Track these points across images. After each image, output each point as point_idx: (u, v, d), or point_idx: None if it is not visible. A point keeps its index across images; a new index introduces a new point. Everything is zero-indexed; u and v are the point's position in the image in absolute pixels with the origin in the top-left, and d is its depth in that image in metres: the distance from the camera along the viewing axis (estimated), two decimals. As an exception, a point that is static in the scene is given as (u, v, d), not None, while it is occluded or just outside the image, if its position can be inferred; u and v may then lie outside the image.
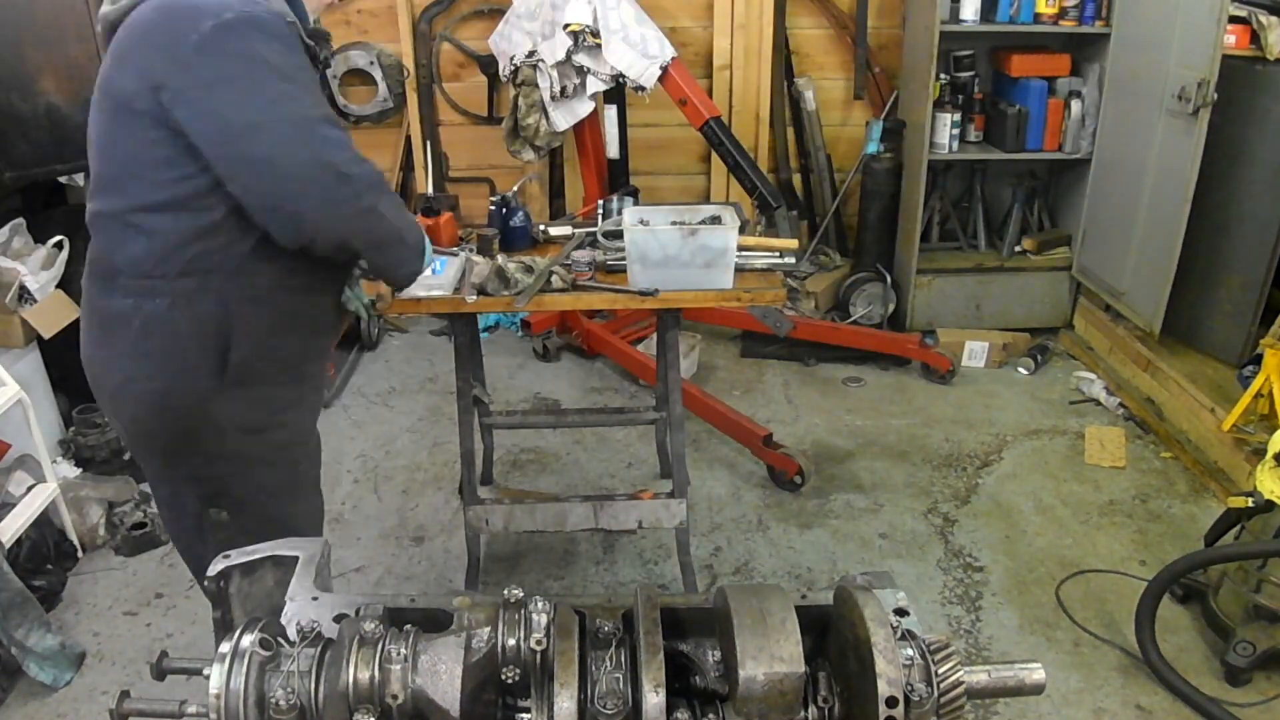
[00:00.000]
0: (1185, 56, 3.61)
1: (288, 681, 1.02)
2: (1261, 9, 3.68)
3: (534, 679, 1.05)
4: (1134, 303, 4.13)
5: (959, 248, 4.79)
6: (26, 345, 3.29)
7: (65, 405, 3.57)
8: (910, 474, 3.61)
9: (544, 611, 1.05)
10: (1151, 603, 2.60)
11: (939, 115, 4.35)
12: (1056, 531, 3.27)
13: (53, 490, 2.93)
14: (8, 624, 2.48)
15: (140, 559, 3.10)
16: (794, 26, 4.72)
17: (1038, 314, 4.72)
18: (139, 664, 2.64)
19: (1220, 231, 3.80)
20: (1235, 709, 2.47)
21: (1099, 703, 2.56)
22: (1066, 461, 3.70)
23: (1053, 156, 4.53)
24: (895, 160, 4.54)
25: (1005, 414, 4.05)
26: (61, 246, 3.40)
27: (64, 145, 3.10)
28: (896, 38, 4.69)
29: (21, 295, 3.24)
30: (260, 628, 1.05)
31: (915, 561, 3.12)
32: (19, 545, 2.80)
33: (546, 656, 1.03)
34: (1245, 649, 2.55)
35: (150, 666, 1.09)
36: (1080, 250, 4.55)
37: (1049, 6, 4.18)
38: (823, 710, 1.07)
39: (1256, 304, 3.77)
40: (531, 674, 1.05)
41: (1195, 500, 3.43)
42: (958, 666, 1.05)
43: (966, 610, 2.90)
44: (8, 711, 2.51)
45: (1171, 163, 3.76)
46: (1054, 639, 2.79)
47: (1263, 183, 3.64)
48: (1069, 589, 2.98)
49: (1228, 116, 3.60)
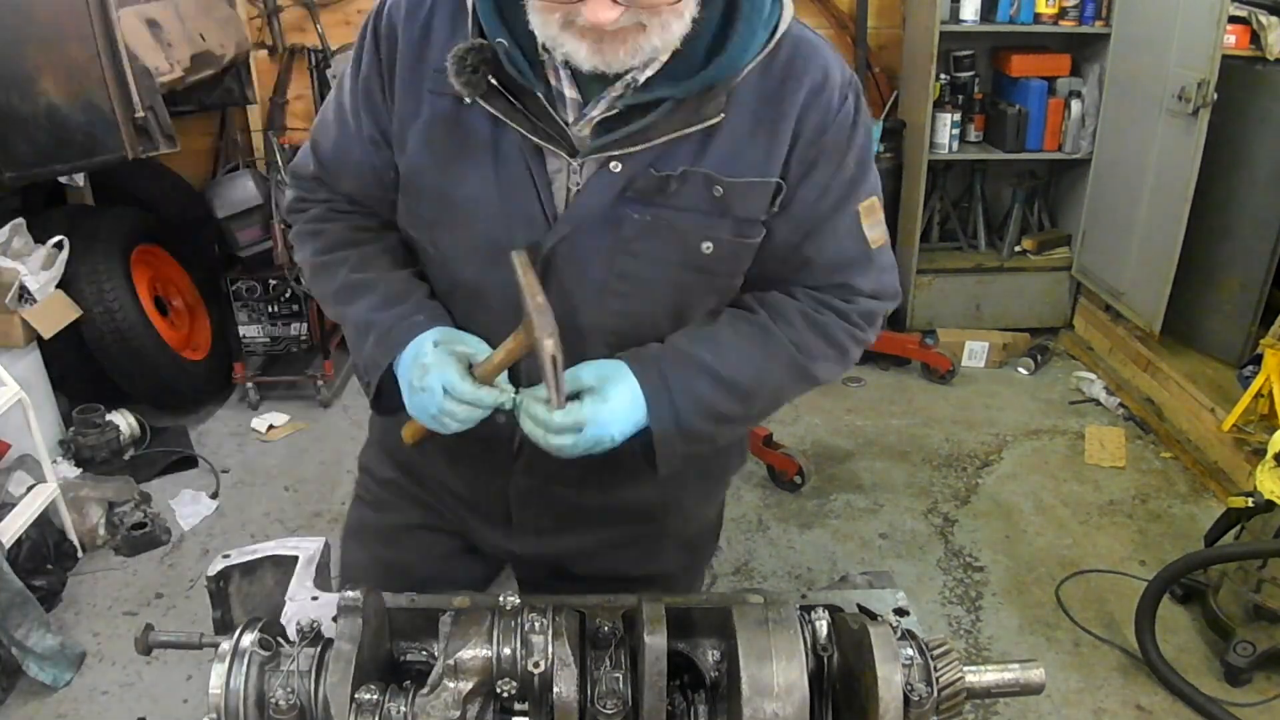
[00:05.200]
0: (1185, 56, 3.61)
1: (288, 681, 1.02)
2: (1261, 9, 3.68)
3: (531, 695, 1.05)
4: (1134, 303, 4.12)
5: (959, 248, 4.79)
6: (26, 345, 3.29)
7: (65, 405, 3.57)
8: (910, 474, 3.61)
9: (542, 631, 1.05)
10: (1151, 603, 2.60)
11: (939, 115, 4.35)
12: (1056, 531, 3.27)
13: (53, 490, 2.93)
14: (8, 624, 2.47)
15: (140, 559, 3.10)
16: (794, 26, 4.72)
17: (1038, 314, 4.72)
18: (139, 664, 2.64)
19: (1220, 231, 3.80)
20: (1235, 709, 2.47)
21: (1099, 703, 2.55)
22: (1066, 461, 3.70)
23: (1053, 156, 4.52)
24: (895, 160, 4.53)
25: (1005, 414, 4.05)
26: (61, 246, 3.40)
27: (64, 145, 3.09)
28: (896, 38, 4.69)
29: (21, 295, 3.24)
30: (260, 628, 1.05)
31: (915, 561, 3.12)
32: (19, 545, 2.80)
33: (545, 674, 1.03)
34: (1245, 649, 2.55)
35: (136, 640, 1.08)
36: (1080, 250, 4.55)
37: (1049, 6, 4.18)
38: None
39: (1256, 304, 3.77)
40: (529, 690, 1.04)
41: (1195, 500, 3.43)
42: (957, 666, 1.05)
43: (966, 610, 2.90)
44: (8, 711, 2.51)
45: (1171, 163, 3.76)
46: (1054, 639, 2.79)
47: (1263, 183, 3.64)
48: (1069, 589, 2.98)
49: (1228, 116, 3.60)
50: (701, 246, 1.20)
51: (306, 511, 3.38)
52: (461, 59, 1.10)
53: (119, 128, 3.06)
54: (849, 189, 1.24)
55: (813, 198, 1.22)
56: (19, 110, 3.04)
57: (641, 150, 1.12)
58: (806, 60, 1.18)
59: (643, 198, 1.16)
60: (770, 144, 1.18)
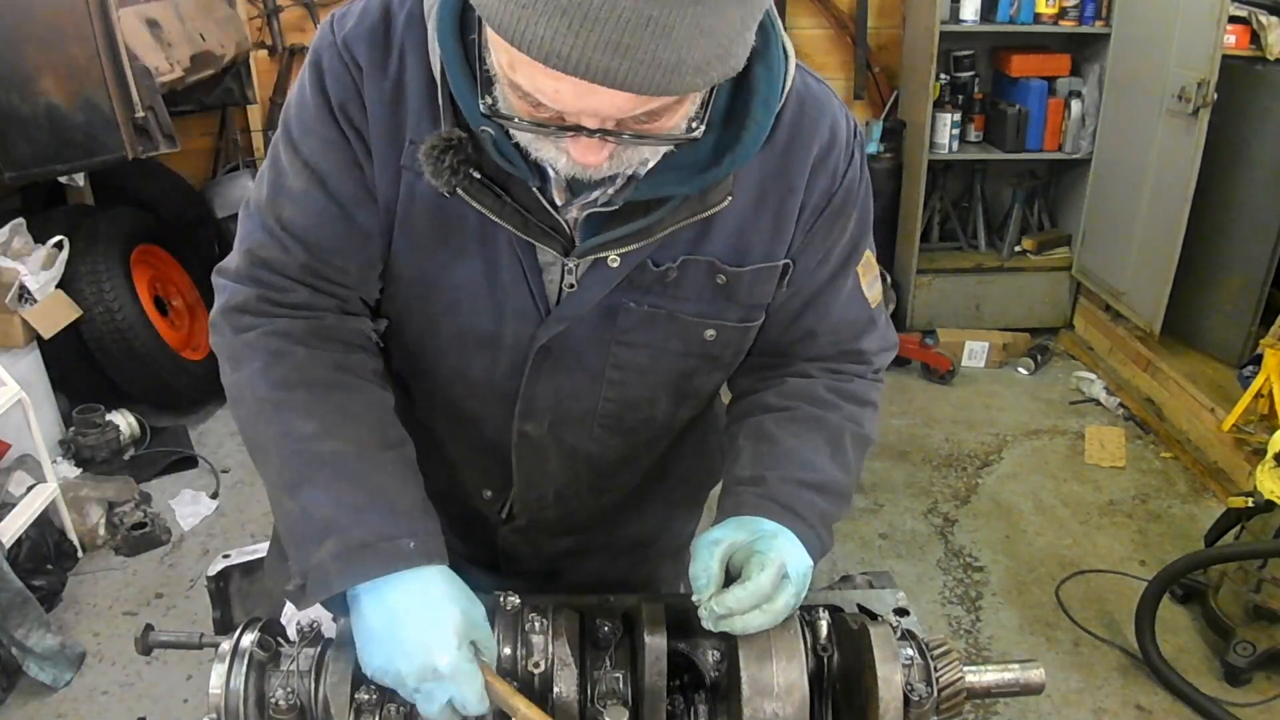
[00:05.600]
0: (1185, 56, 3.61)
1: (287, 681, 1.02)
2: (1261, 9, 3.68)
3: (531, 695, 1.05)
4: (1134, 303, 4.12)
5: (959, 248, 4.79)
6: (26, 345, 3.29)
7: (65, 405, 3.58)
8: (910, 474, 3.61)
9: (542, 632, 1.05)
10: (1151, 603, 2.60)
11: (939, 115, 4.35)
12: (1056, 531, 3.27)
13: (53, 490, 2.93)
14: (8, 624, 2.47)
15: (140, 559, 3.10)
16: (794, 26, 4.72)
17: (1038, 314, 4.72)
18: (139, 664, 2.64)
19: (1220, 231, 3.80)
20: (1235, 709, 2.47)
21: (1099, 703, 2.56)
22: (1066, 461, 3.70)
23: (1053, 156, 4.53)
24: (895, 160, 4.54)
25: (1005, 414, 4.05)
26: (61, 246, 3.40)
27: (64, 145, 3.10)
28: (896, 38, 4.69)
29: (21, 295, 3.24)
30: (260, 628, 1.05)
31: (915, 561, 3.12)
32: (19, 545, 2.80)
33: (545, 674, 1.03)
34: (1245, 649, 2.55)
35: (136, 641, 1.08)
36: (1080, 250, 4.55)
37: (1049, 6, 4.18)
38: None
39: (1256, 304, 3.77)
40: (529, 690, 1.04)
41: (1195, 500, 3.43)
42: (958, 666, 1.05)
43: (966, 610, 2.90)
44: (8, 711, 2.51)
45: (1171, 163, 3.76)
46: (1054, 639, 2.79)
47: (1263, 183, 3.64)
48: (1069, 589, 2.98)
49: (1228, 116, 3.60)
50: (704, 334, 1.11)
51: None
52: (438, 158, 0.91)
53: (119, 128, 3.07)
54: (850, 251, 1.14)
55: (813, 265, 1.12)
56: (19, 110, 3.05)
57: (643, 246, 1.00)
58: (814, 121, 1.05)
59: (640, 289, 1.06)
60: (776, 223, 1.06)
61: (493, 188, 0.96)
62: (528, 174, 0.94)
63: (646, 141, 0.85)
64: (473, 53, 0.90)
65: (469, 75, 0.90)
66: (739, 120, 0.94)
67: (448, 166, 0.91)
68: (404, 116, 0.99)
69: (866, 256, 1.17)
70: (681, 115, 0.86)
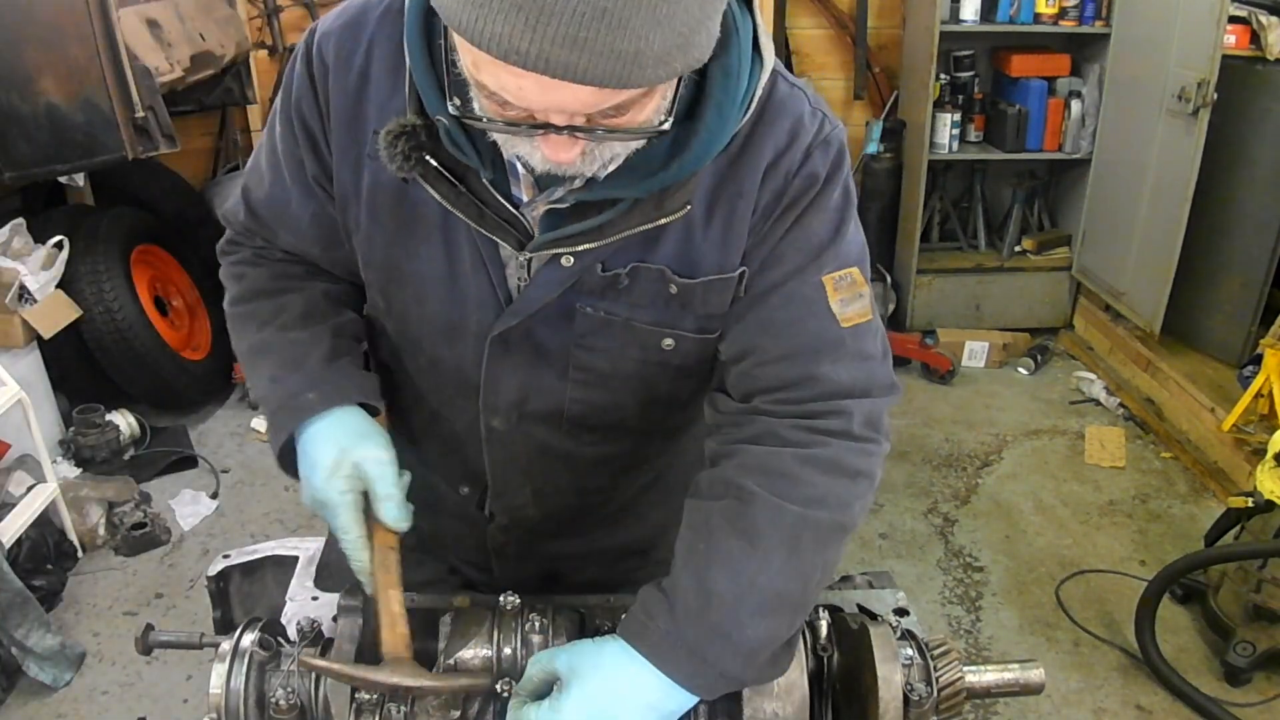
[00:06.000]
0: (1185, 57, 3.61)
1: (288, 681, 1.02)
2: (1261, 9, 3.68)
3: None
4: (1134, 303, 4.12)
5: (959, 248, 4.79)
6: (26, 345, 3.29)
7: (65, 405, 3.57)
8: (910, 474, 3.61)
9: (542, 631, 1.05)
10: (1151, 603, 2.60)
11: (939, 115, 4.35)
12: (1056, 531, 3.27)
13: (53, 490, 2.93)
14: (8, 624, 2.47)
15: (140, 559, 3.10)
16: (794, 26, 4.72)
17: (1038, 314, 4.72)
18: (139, 664, 2.64)
19: (1220, 231, 3.80)
20: (1235, 709, 2.47)
21: (1099, 703, 2.56)
22: (1066, 461, 3.70)
23: (1053, 156, 4.53)
24: (895, 160, 4.54)
25: (1005, 414, 4.05)
26: (61, 246, 3.40)
27: (64, 145, 3.10)
28: (896, 38, 4.68)
29: (21, 295, 3.24)
30: (260, 628, 1.05)
31: (915, 561, 3.12)
32: (19, 545, 2.80)
33: None
34: (1245, 649, 2.55)
35: (136, 641, 1.08)
36: (1080, 250, 4.55)
37: (1049, 6, 4.18)
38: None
39: (1256, 304, 3.77)
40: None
41: (1195, 500, 3.43)
42: (957, 666, 1.05)
43: (966, 610, 2.90)
44: (8, 711, 2.51)
45: (1171, 163, 3.76)
46: (1054, 639, 2.79)
47: (1263, 183, 3.64)
48: (1069, 589, 2.98)
49: (1228, 116, 3.60)
50: (662, 343, 1.08)
51: (306, 511, 3.35)
52: (392, 143, 0.93)
53: (119, 128, 3.06)
54: (811, 257, 1.03)
55: (758, 266, 1.04)
56: (19, 110, 3.05)
57: (596, 247, 0.98)
58: (771, 125, 1.00)
59: (594, 293, 1.04)
60: (727, 232, 1.02)
61: (448, 177, 0.97)
62: (479, 165, 0.95)
63: (616, 136, 0.85)
64: (438, 55, 0.91)
65: (430, 65, 0.92)
66: (693, 125, 0.92)
67: (400, 152, 0.93)
68: (367, 107, 1.03)
69: (848, 274, 1.05)
70: (651, 109, 0.85)
